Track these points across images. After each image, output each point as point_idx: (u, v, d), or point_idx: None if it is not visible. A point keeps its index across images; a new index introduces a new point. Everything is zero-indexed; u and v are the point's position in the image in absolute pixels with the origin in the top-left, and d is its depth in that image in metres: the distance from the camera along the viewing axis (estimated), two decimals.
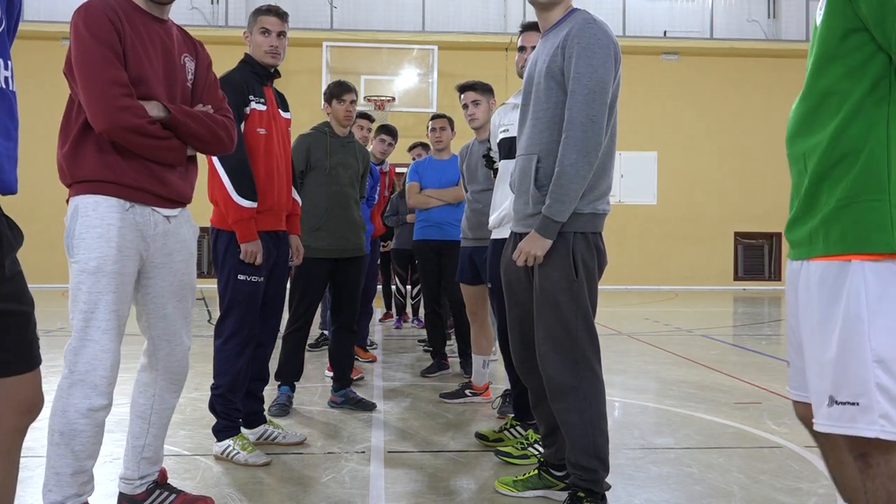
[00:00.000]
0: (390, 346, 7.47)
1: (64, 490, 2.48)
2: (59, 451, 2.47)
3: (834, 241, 1.71)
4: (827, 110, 1.73)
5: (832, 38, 1.72)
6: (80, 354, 2.48)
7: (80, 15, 2.49)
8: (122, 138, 2.47)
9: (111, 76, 2.44)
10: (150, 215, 2.60)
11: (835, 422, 1.71)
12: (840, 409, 1.70)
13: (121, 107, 2.43)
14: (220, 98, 2.84)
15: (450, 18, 15.20)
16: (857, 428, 1.68)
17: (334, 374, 4.77)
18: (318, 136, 4.71)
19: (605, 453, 2.88)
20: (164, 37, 2.66)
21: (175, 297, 2.73)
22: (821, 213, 1.74)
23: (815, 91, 1.76)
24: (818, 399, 1.74)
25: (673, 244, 15.99)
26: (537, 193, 2.85)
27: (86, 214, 2.50)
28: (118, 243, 2.51)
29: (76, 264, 2.50)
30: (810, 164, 1.76)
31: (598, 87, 2.75)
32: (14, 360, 1.79)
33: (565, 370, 2.83)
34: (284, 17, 3.76)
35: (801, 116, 1.81)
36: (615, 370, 6.07)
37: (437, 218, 5.77)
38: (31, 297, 1.85)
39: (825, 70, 1.73)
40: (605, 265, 2.95)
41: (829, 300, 1.72)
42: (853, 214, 1.68)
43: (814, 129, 1.76)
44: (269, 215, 3.67)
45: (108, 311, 2.49)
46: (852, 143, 1.69)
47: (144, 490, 2.81)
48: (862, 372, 1.66)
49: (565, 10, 2.92)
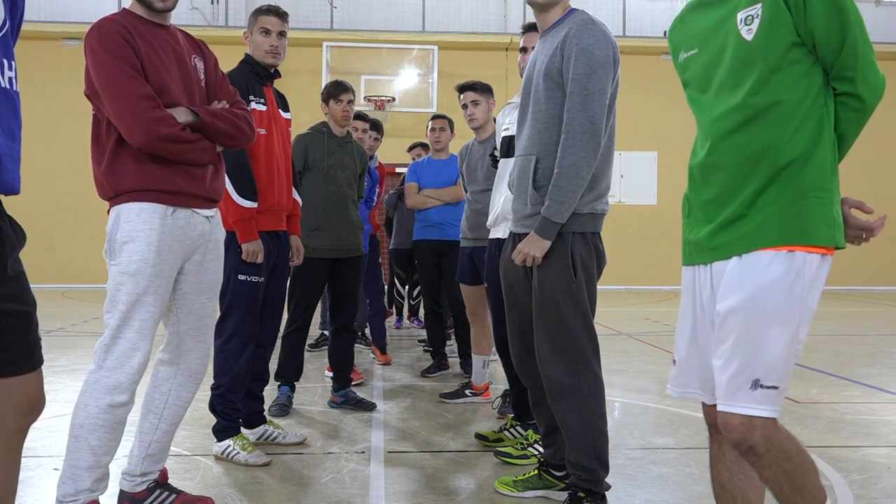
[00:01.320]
0: (390, 345, 7.46)
1: (77, 483, 2.53)
2: (78, 444, 2.53)
3: (784, 233, 1.82)
4: (775, 116, 1.86)
5: (775, 51, 1.85)
6: (111, 351, 2.54)
7: (94, 35, 2.54)
8: (159, 148, 2.55)
9: (138, 92, 2.51)
10: (190, 217, 2.68)
11: (757, 404, 1.80)
12: (764, 393, 1.80)
13: (153, 119, 2.51)
14: (233, 93, 2.91)
15: (450, 18, 15.19)
16: (772, 410, 1.81)
17: (334, 374, 4.77)
18: (316, 136, 4.71)
19: (605, 453, 2.89)
20: (173, 43, 2.72)
21: (205, 293, 2.81)
22: (768, 210, 1.84)
23: (756, 100, 1.87)
24: (732, 382, 1.82)
25: (673, 244, 15.87)
26: (535, 194, 2.85)
27: (128, 220, 2.57)
28: (158, 247, 2.58)
29: (117, 266, 2.57)
30: (759, 168, 1.86)
31: (597, 88, 2.75)
32: (16, 360, 1.80)
33: (565, 371, 2.83)
34: (284, 16, 3.77)
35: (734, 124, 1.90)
36: (615, 370, 6.07)
37: (435, 218, 5.77)
38: (34, 298, 1.86)
39: (770, 80, 1.86)
40: (605, 265, 2.95)
41: (773, 287, 1.80)
42: (804, 209, 1.82)
43: (761, 134, 1.86)
44: (270, 215, 3.68)
45: (145, 312, 2.56)
46: (801, 147, 1.84)
47: (145, 489, 2.81)
48: (787, 357, 1.81)
49: (563, 11, 2.92)
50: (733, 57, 1.92)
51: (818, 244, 1.82)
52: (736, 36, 1.91)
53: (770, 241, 1.83)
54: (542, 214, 2.78)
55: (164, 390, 2.82)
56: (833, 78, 1.87)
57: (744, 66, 1.90)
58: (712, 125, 1.96)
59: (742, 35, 1.90)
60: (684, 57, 2.09)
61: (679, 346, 2.09)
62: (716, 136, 1.95)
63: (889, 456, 3.77)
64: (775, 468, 1.82)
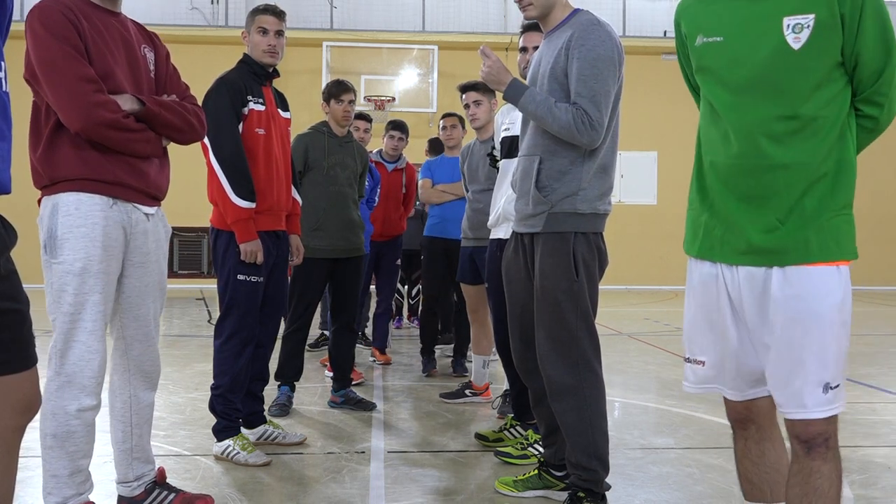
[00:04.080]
0: (390, 346, 7.45)
1: (63, 491, 2.48)
2: (54, 454, 2.47)
3: (826, 249, 1.91)
4: (813, 131, 1.89)
5: (822, 67, 1.87)
6: (67, 356, 2.46)
7: (36, 16, 2.42)
8: (98, 135, 2.43)
9: (79, 73, 2.39)
10: (131, 212, 2.57)
11: (831, 404, 1.92)
12: (835, 393, 1.92)
13: (94, 103, 2.39)
14: (184, 87, 2.81)
15: (450, 18, 15.17)
16: (842, 405, 1.94)
17: (334, 374, 4.77)
18: (317, 136, 4.71)
19: (605, 453, 2.88)
20: (122, 29, 2.61)
21: (150, 297, 2.71)
22: (808, 226, 1.91)
23: (800, 112, 1.89)
24: (805, 390, 1.91)
25: (673, 244, 15.84)
26: (538, 194, 2.84)
27: (67, 213, 2.45)
28: (103, 242, 2.48)
29: (60, 265, 2.45)
30: (794, 181, 1.90)
31: (602, 89, 2.75)
32: (10, 358, 1.79)
33: (566, 370, 2.83)
34: (282, 15, 3.74)
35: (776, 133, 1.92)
36: (615, 370, 6.07)
37: (450, 214, 5.75)
38: (27, 296, 1.84)
39: (813, 95, 1.88)
40: (607, 265, 2.95)
41: (825, 299, 1.91)
42: (839, 226, 1.92)
43: (800, 147, 1.90)
44: (269, 215, 3.67)
45: (95, 312, 2.47)
46: (835, 163, 1.90)
47: (143, 490, 2.80)
48: (843, 359, 1.94)
49: (567, 11, 2.92)
50: (774, 62, 1.90)
51: (850, 258, 1.94)
52: (779, 40, 1.88)
53: (818, 257, 1.91)
54: (515, 86, 2.84)
55: (125, 398, 2.73)
56: (861, 100, 1.93)
57: (787, 76, 1.89)
58: (747, 128, 1.94)
59: (788, 42, 1.88)
60: (703, 41, 2.02)
61: (702, 344, 2.11)
62: (752, 140, 1.93)
63: (889, 456, 3.76)
64: (834, 461, 1.93)
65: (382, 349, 6.40)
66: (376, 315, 6.40)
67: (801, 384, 1.91)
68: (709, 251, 2.06)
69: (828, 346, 1.91)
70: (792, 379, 1.93)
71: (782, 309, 1.92)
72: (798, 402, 1.93)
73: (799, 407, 1.93)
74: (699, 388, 2.16)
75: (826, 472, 1.93)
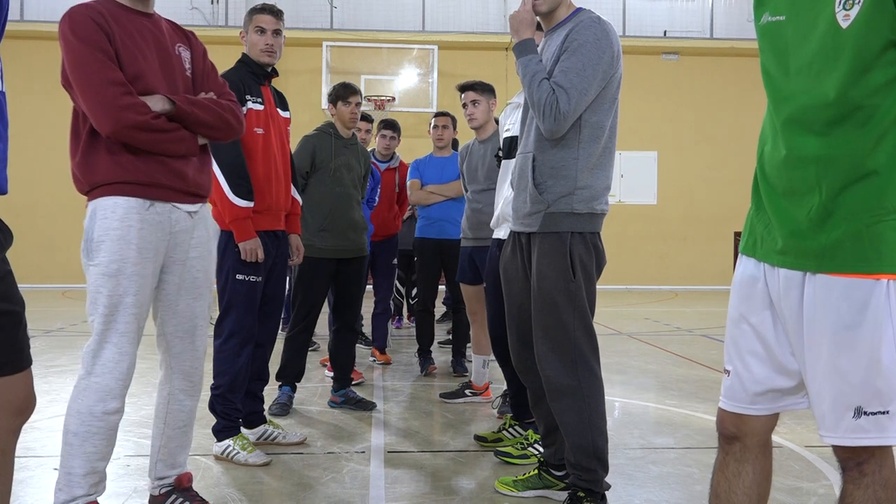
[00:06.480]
0: (390, 345, 7.46)
1: (73, 490, 2.49)
2: (72, 452, 2.49)
3: (863, 258, 1.67)
4: (858, 121, 1.65)
5: (870, 48, 1.61)
6: (98, 357, 2.48)
7: (66, 22, 2.44)
8: (128, 137, 2.45)
9: (107, 77, 2.41)
10: (171, 212, 2.58)
11: (864, 433, 1.70)
12: (872, 420, 1.69)
13: (122, 106, 2.40)
14: (222, 84, 2.81)
15: (450, 18, 15.18)
16: (886, 437, 1.69)
17: (335, 373, 4.77)
18: (324, 138, 4.71)
19: (605, 453, 2.88)
20: (154, 30, 2.62)
21: (190, 294, 2.71)
22: (841, 229, 1.68)
23: (842, 99, 1.65)
24: (836, 413, 1.72)
25: (673, 244, 15.97)
26: (535, 192, 2.85)
27: (104, 217, 2.48)
28: (138, 244, 2.49)
29: (96, 267, 2.48)
30: (830, 176, 1.69)
31: (581, 86, 2.74)
32: (5, 360, 1.79)
33: (564, 370, 2.83)
34: (279, 14, 3.74)
35: (814, 121, 1.70)
36: (615, 370, 6.07)
37: (437, 215, 5.76)
38: (22, 298, 1.84)
39: (860, 80, 1.63)
40: (604, 265, 2.94)
41: (857, 316, 1.68)
42: (879, 233, 1.66)
43: (841, 138, 1.67)
44: (268, 215, 3.67)
45: (128, 314, 2.49)
46: (881, 160, 1.65)
47: (161, 493, 2.81)
48: (882, 383, 1.67)
49: (569, 10, 2.92)
50: (822, 43, 1.67)
51: (893, 271, 1.67)
52: (829, 18, 1.66)
53: (852, 267, 1.68)
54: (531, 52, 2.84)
55: (165, 394, 2.77)
56: None
57: (832, 57, 1.66)
58: (788, 115, 1.75)
59: (837, 19, 1.65)
60: (768, 20, 1.81)
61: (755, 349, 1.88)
62: (790, 128, 1.75)
63: None
64: (875, 489, 1.74)
65: (382, 349, 6.40)
66: (375, 315, 6.39)
67: (828, 407, 1.73)
68: (751, 248, 1.89)
69: (856, 367, 1.68)
70: (819, 400, 1.75)
71: (807, 320, 1.75)
72: (821, 422, 1.76)
73: (823, 429, 1.76)
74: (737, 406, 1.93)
75: (859, 500, 1.74)
